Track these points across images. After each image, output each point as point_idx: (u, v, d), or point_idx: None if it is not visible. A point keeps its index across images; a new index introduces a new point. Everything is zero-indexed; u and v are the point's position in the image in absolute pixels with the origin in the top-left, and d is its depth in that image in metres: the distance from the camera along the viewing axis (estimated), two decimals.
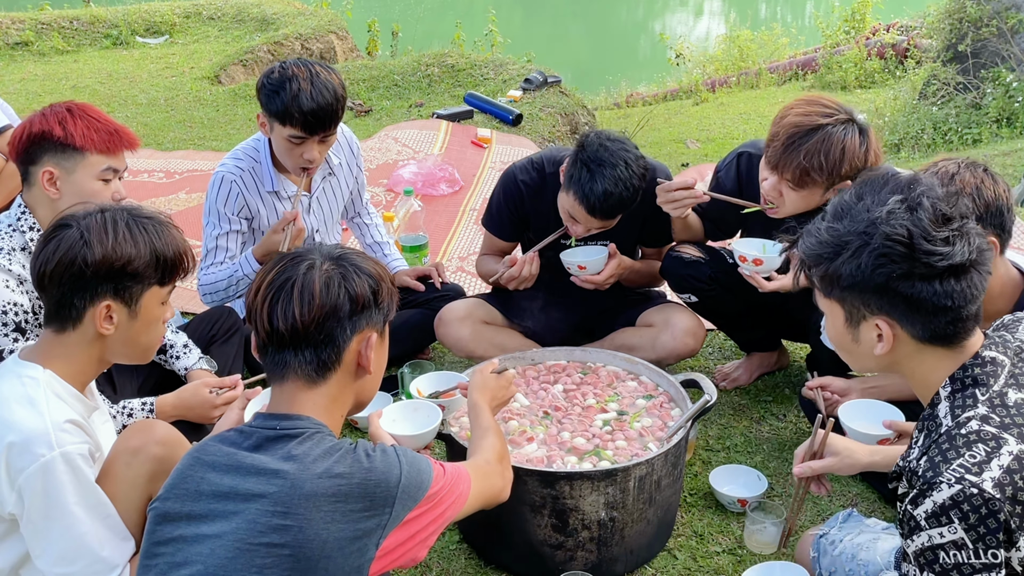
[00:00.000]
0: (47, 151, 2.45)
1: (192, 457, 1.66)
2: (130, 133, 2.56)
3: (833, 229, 1.65)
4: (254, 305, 1.69)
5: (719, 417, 3.15)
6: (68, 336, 1.93)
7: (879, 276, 1.60)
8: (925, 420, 1.69)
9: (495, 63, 7.97)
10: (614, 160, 2.83)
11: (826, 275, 1.67)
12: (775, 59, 11.29)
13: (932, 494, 1.54)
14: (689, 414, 2.47)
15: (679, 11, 19.78)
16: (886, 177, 1.69)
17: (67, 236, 1.90)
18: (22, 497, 1.82)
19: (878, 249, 1.58)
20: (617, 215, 2.93)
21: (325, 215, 3.40)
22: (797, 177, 2.67)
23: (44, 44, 9.12)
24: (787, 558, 2.47)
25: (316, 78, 2.95)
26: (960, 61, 7.17)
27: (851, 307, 1.67)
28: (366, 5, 13.72)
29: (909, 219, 1.57)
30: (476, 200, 5.34)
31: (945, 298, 1.58)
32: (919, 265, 1.57)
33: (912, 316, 1.62)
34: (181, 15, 9.89)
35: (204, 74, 8.27)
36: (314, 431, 1.65)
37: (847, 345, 1.74)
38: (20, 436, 1.80)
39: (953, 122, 6.77)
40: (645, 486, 2.35)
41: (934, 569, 1.54)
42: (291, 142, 3.01)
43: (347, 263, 1.72)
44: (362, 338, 1.72)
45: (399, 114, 7.21)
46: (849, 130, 2.65)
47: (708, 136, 8.11)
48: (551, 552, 2.38)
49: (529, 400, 2.69)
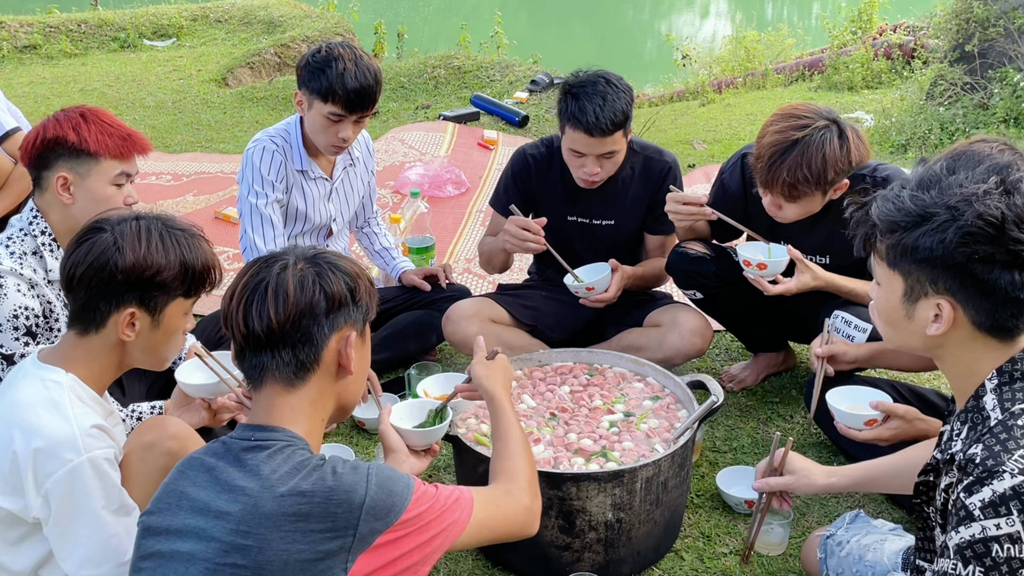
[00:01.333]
0: (61, 156, 2.46)
1: (178, 470, 1.65)
2: (142, 138, 2.58)
3: (918, 199, 1.58)
4: (229, 310, 1.67)
5: (726, 418, 3.15)
6: (90, 339, 1.95)
7: (959, 255, 1.54)
8: (969, 412, 1.65)
9: (501, 65, 7.98)
10: (594, 80, 3.02)
11: (899, 244, 1.60)
12: (782, 60, 11.26)
13: (992, 483, 1.49)
14: (696, 415, 2.47)
15: (685, 12, 19.76)
16: (981, 155, 1.64)
17: (101, 240, 1.92)
18: (48, 501, 1.83)
19: (967, 227, 1.53)
20: (615, 130, 2.99)
21: (342, 205, 3.46)
22: (787, 192, 2.73)
23: (52, 47, 9.15)
24: (795, 559, 2.48)
25: (360, 60, 3.09)
26: (967, 61, 7.15)
27: (916, 281, 1.62)
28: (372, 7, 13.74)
29: (1004, 202, 1.52)
30: (483, 202, 5.34)
31: (1020, 290, 1.54)
32: (1004, 251, 1.53)
33: (980, 302, 1.58)
34: (188, 18, 9.91)
35: (211, 77, 8.29)
36: (285, 444, 1.60)
37: (896, 319, 1.68)
38: (47, 441, 1.81)
39: (960, 122, 6.74)
40: (652, 487, 2.35)
41: (983, 563, 1.49)
42: (329, 119, 3.10)
43: (322, 261, 1.70)
44: (341, 336, 1.69)
45: (405, 116, 7.22)
46: (826, 136, 2.69)
47: (715, 137, 8.09)
48: (558, 553, 2.38)
49: (536, 401, 2.69)
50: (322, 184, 3.35)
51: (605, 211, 3.24)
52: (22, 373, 1.96)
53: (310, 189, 3.32)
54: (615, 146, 3.04)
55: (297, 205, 3.31)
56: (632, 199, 3.23)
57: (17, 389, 1.91)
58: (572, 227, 3.30)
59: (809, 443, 3.01)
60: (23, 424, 1.83)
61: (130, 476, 1.96)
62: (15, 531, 1.90)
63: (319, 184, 3.34)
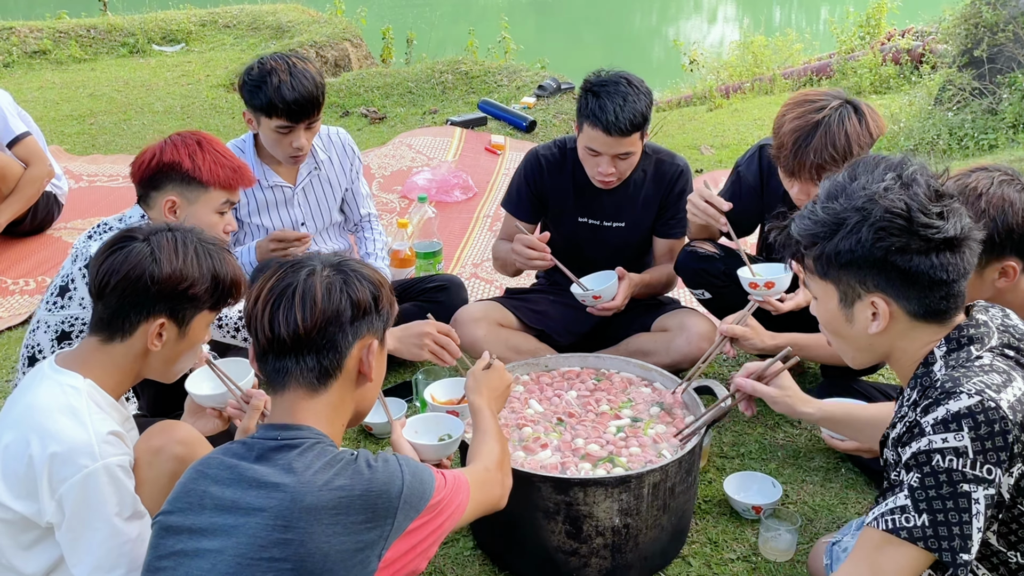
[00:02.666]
0: (172, 180, 2.58)
1: (195, 470, 1.65)
2: (248, 171, 2.71)
3: (829, 208, 1.68)
4: (254, 312, 1.68)
5: (733, 424, 3.14)
6: (114, 347, 1.96)
7: (878, 250, 1.63)
8: (919, 378, 1.72)
9: (509, 70, 7.99)
10: (615, 79, 3.03)
11: (823, 254, 1.69)
12: (789, 65, 11.25)
13: (948, 402, 1.57)
14: (703, 420, 2.46)
15: (693, 17, 19.76)
16: (877, 159, 1.74)
17: (136, 249, 1.94)
18: (61, 506, 1.83)
19: (877, 223, 1.62)
20: (633, 131, 3.00)
21: (312, 209, 3.46)
22: (815, 175, 2.72)
23: (62, 52, 9.19)
24: (802, 565, 2.47)
25: (294, 68, 3.10)
26: (976, 66, 7.13)
27: (847, 286, 1.70)
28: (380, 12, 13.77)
29: (906, 194, 1.62)
30: (490, 207, 5.34)
31: (940, 271, 1.63)
32: (916, 239, 1.62)
33: (908, 291, 1.66)
34: (197, 23, 9.94)
35: (220, 82, 8.31)
36: (315, 442, 1.63)
37: (840, 328, 1.76)
38: (63, 446, 1.82)
39: (969, 127, 6.73)
40: (659, 493, 2.35)
41: (922, 470, 1.57)
42: (279, 133, 3.13)
43: (347, 269, 1.72)
44: (363, 344, 1.72)
45: (413, 121, 7.23)
46: (844, 114, 2.71)
47: (722, 142, 8.09)
48: (565, 559, 2.38)
49: (543, 406, 2.69)
50: (280, 191, 3.37)
51: (615, 213, 3.24)
52: (40, 376, 1.96)
53: (264, 199, 3.35)
54: (632, 147, 3.05)
55: (252, 215, 3.35)
56: (643, 202, 3.24)
57: (34, 393, 1.91)
58: (582, 228, 3.31)
59: (817, 448, 3.00)
60: (40, 428, 1.84)
61: (139, 481, 1.96)
62: (28, 535, 1.91)
63: (275, 191, 3.36)
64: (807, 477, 2.86)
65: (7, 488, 1.85)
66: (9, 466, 1.85)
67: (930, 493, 1.56)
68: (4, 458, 1.86)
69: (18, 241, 4.83)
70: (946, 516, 1.55)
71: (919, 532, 1.56)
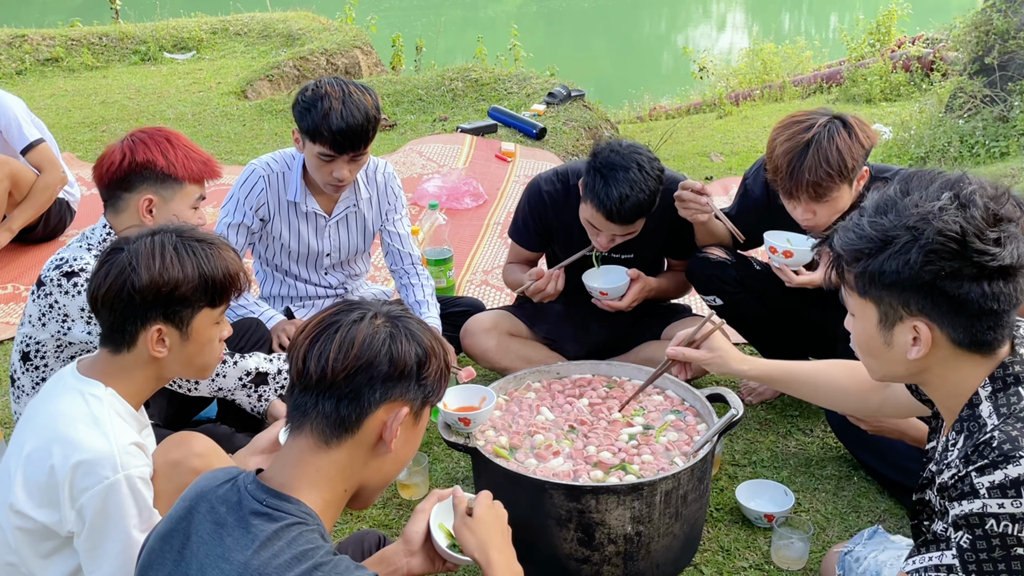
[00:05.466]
0: (147, 180, 2.54)
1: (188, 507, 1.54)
2: (215, 163, 2.67)
3: (877, 224, 1.58)
4: (296, 341, 1.59)
5: (745, 432, 3.14)
6: (123, 357, 1.95)
7: (927, 274, 1.53)
8: (964, 421, 1.64)
9: (518, 77, 8.01)
10: (626, 163, 2.87)
11: (866, 272, 1.60)
12: (799, 72, 11.26)
13: (1007, 467, 1.49)
14: (715, 428, 2.46)
15: (702, 24, 19.77)
16: (933, 174, 1.63)
17: (118, 261, 1.92)
18: (81, 516, 1.83)
19: (929, 245, 1.52)
20: (636, 220, 2.94)
21: (341, 243, 3.38)
22: (813, 193, 2.72)
23: (74, 60, 9.25)
24: (815, 574, 2.46)
25: (348, 98, 2.96)
26: (987, 74, 7.12)
27: (888, 307, 1.61)
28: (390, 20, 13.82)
29: (962, 216, 1.52)
30: (500, 214, 5.35)
31: (992, 300, 1.54)
32: (969, 264, 1.52)
33: (954, 319, 1.57)
34: (208, 31, 10.00)
35: (231, 89, 8.35)
36: (296, 522, 1.45)
37: (877, 349, 1.68)
38: (86, 456, 1.81)
39: (980, 135, 6.71)
40: (671, 501, 2.34)
41: (974, 532, 1.50)
42: (321, 159, 3.03)
43: (401, 325, 1.58)
44: (391, 408, 1.56)
45: (423, 128, 7.25)
46: (834, 129, 2.71)
47: (732, 149, 8.10)
48: (577, 566, 2.38)
49: (554, 414, 2.69)
50: (315, 219, 3.29)
51: (624, 246, 3.18)
52: (61, 385, 1.96)
53: (297, 222, 3.27)
54: (634, 229, 2.99)
55: (281, 232, 3.28)
56: (651, 232, 3.18)
57: (57, 401, 1.92)
58: (589, 259, 3.28)
59: (829, 457, 2.99)
60: (62, 438, 1.84)
61: (156, 493, 1.96)
62: (47, 544, 1.91)
63: (311, 218, 3.28)
64: (819, 485, 2.86)
65: (28, 497, 1.85)
66: (31, 475, 1.85)
67: (981, 556, 1.50)
68: (26, 467, 1.86)
69: (31, 248, 4.85)
70: None
71: None
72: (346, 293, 3.56)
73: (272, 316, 3.22)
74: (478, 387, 2.64)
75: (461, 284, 4.45)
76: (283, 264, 3.37)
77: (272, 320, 3.20)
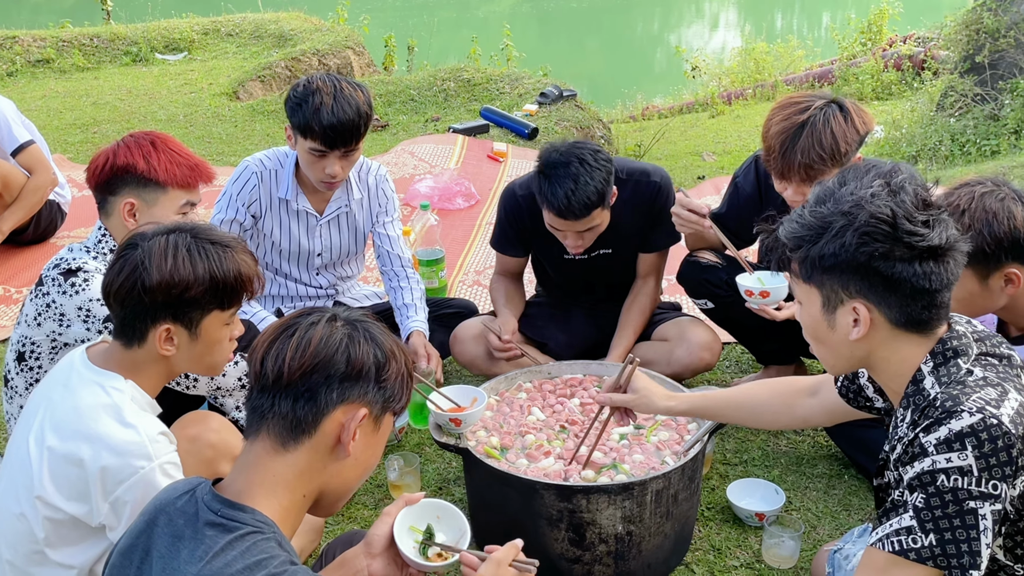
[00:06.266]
0: (128, 183, 2.51)
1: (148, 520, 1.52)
2: (208, 167, 2.62)
3: (817, 212, 1.69)
4: (256, 343, 1.59)
5: (736, 431, 3.14)
6: (136, 352, 1.96)
7: (861, 255, 1.63)
8: (910, 396, 1.72)
9: (511, 77, 8.01)
10: (566, 160, 2.90)
11: (808, 257, 1.69)
12: (791, 71, 11.27)
13: (950, 422, 1.57)
14: (706, 428, 2.47)
15: (695, 24, 19.80)
16: (868, 165, 1.74)
17: (132, 258, 1.92)
18: (116, 508, 1.83)
19: (862, 227, 1.62)
20: (589, 212, 2.92)
21: (332, 244, 3.38)
22: (804, 175, 2.72)
23: (65, 61, 9.22)
24: (806, 572, 2.47)
25: (340, 93, 2.97)
26: (978, 72, 7.14)
27: (830, 291, 1.70)
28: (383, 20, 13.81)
29: (892, 201, 1.63)
30: (492, 214, 5.34)
31: (923, 279, 1.63)
32: (900, 245, 1.61)
33: (890, 298, 1.66)
34: (200, 32, 9.97)
35: (222, 90, 8.33)
36: (250, 532, 1.43)
37: (822, 333, 1.76)
38: (117, 449, 1.82)
39: (971, 133, 6.73)
40: (662, 500, 2.35)
41: (927, 490, 1.56)
42: (313, 155, 3.03)
43: (361, 327, 1.57)
44: (349, 410, 1.53)
45: (415, 128, 7.25)
46: (830, 113, 2.71)
47: (724, 149, 8.10)
48: (568, 566, 2.38)
49: (545, 414, 2.69)
50: (306, 218, 3.29)
51: (601, 242, 3.16)
52: (76, 377, 1.95)
53: (288, 220, 3.28)
54: (592, 223, 2.98)
55: (273, 230, 3.29)
56: (626, 226, 3.18)
57: (78, 395, 1.91)
58: (572, 263, 3.28)
59: (820, 455, 3.00)
60: (89, 432, 1.84)
61: None
62: (76, 532, 1.91)
63: (302, 217, 3.28)
64: (810, 484, 2.86)
65: (57, 490, 1.85)
66: (59, 470, 1.85)
67: (936, 513, 1.55)
68: (52, 461, 1.86)
69: (21, 250, 4.84)
70: (954, 534, 1.54)
71: (927, 552, 1.55)
72: (337, 294, 3.55)
73: (264, 318, 3.21)
74: (469, 388, 2.64)
75: (453, 285, 4.45)
76: (274, 262, 3.37)
77: (264, 322, 3.20)
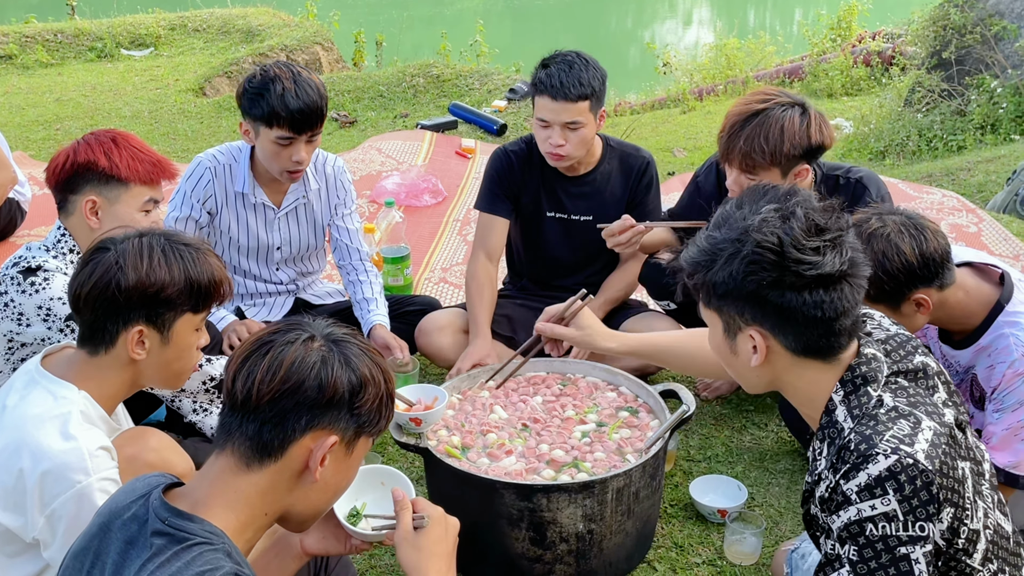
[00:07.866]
0: (90, 181, 2.47)
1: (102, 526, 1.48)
2: (170, 164, 2.59)
3: (712, 237, 1.65)
4: (231, 357, 1.55)
5: (700, 427, 3.13)
6: (101, 359, 1.93)
7: (750, 284, 1.58)
8: (825, 429, 1.67)
9: (480, 73, 7.97)
10: (567, 53, 3.11)
11: (703, 284, 1.66)
12: (762, 67, 11.30)
13: (867, 467, 1.52)
14: (667, 425, 2.45)
15: (668, 20, 19.83)
16: (767, 188, 1.69)
17: (104, 260, 1.90)
18: (51, 523, 1.80)
19: (748, 256, 1.57)
20: (579, 99, 3.04)
21: (291, 236, 3.35)
22: (743, 165, 2.70)
23: (28, 57, 9.08)
24: (768, 568, 2.46)
25: (299, 77, 2.97)
26: (945, 68, 7.20)
27: (728, 317, 1.66)
28: (353, 16, 13.71)
29: (781, 227, 1.57)
30: (460, 211, 5.32)
31: (815, 308, 1.57)
32: (788, 274, 1.56)
33: (784, 327, 1.61)
34: (166, 27, 9.86)
35: (189, 86, 8.24)
36: (198, 542, 1.39)
37: (727, 357, 1.73)
38: (55, 461, 1.79)
39: (938, 129, 6.78)
40: (623, 498, 2.33)
41: (858, 542, 1.52)
42: (279, 144, 3.00)
43: (338, 350, 1.52)
44: (318, 436, 1.49)
45: (384, 125, 7.20)
46: (788, 111, 2.68)
47: (695, 144, 8.11)
48: (529, 565, 2.36)
49: (507, 413, 2.66)
50: (263, 211, 3.25)
51: (582, 207, 3.24)
52: (31, 384, 1.92)
53: (246, 214, 3.24)
54: (580, 116, 3.06)
55: (230, 226, 3.25)
56: (610, 195, 3.26)
57: (27, 402, 1.88)
58: (550, 223, 3.33)
59: (783, 451, 2.99)
60: (31, 441, 1.81)
61: None
62: (11, 546, 1.88)
63: (260, 210, 3.25)
64: (773, 480, 2.86)
65: None
66: None
67: (871, 564, 1.52)
68: None
69: None
70: None
71: None
72: (298, 290, 3.51)
73: (223, 317, 3.17)
74: (431, 387, 2.61)
75: (419, 282, 4.41)
76: (232, 259, 3.32)
77: (223, 321, 3.15)
